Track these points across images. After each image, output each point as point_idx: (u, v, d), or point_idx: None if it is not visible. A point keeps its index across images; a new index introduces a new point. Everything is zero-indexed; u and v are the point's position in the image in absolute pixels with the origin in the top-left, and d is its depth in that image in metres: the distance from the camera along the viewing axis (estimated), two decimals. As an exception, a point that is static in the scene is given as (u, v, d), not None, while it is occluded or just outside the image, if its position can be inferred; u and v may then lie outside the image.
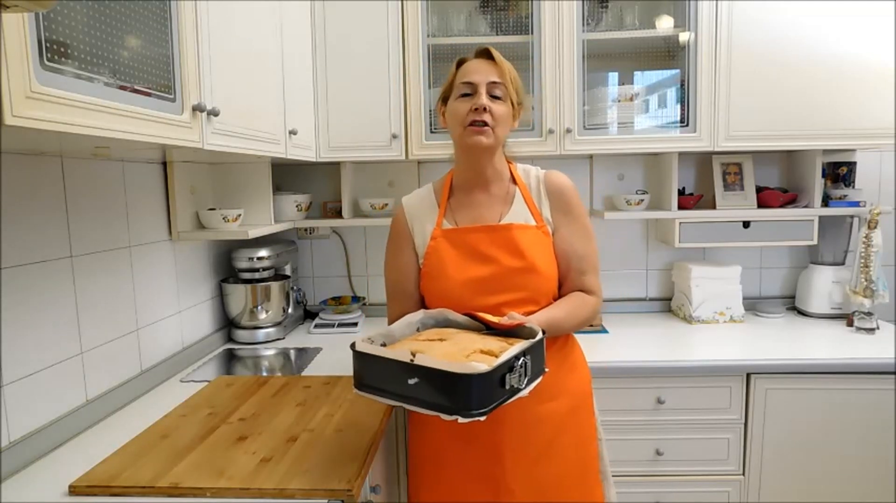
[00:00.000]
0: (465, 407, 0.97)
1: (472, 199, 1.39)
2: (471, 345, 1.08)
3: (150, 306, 1.69)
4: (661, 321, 2.33)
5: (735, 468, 1.88)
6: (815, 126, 2.03)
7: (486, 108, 1.29)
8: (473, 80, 1.31)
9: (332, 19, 2.07)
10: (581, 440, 1.38)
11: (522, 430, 1.30)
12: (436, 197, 1.43)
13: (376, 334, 1.18)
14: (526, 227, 1.34)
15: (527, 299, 1.30)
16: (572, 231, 1.37)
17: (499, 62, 1.33)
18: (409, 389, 1.02)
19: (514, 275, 1.30)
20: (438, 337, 1.16)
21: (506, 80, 1.32)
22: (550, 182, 1.39)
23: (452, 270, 1.32)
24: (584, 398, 1.40)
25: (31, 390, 1.24)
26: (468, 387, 0.96)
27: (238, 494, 1.05)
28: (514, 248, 1.31)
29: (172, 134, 1.16)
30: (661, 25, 2.13)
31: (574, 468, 1.36)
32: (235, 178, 2.00)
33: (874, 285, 2.11)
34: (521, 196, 1.39)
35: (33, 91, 0.78)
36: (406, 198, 1.46)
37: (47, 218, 1.30)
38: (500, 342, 1.11)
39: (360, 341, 1.12)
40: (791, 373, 1.82)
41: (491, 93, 1.31)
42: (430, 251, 1.36)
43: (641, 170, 2.43)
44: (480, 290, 1.30)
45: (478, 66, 1.33)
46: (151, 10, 1.11)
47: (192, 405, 1.48)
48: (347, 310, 2.38)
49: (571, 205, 1.38)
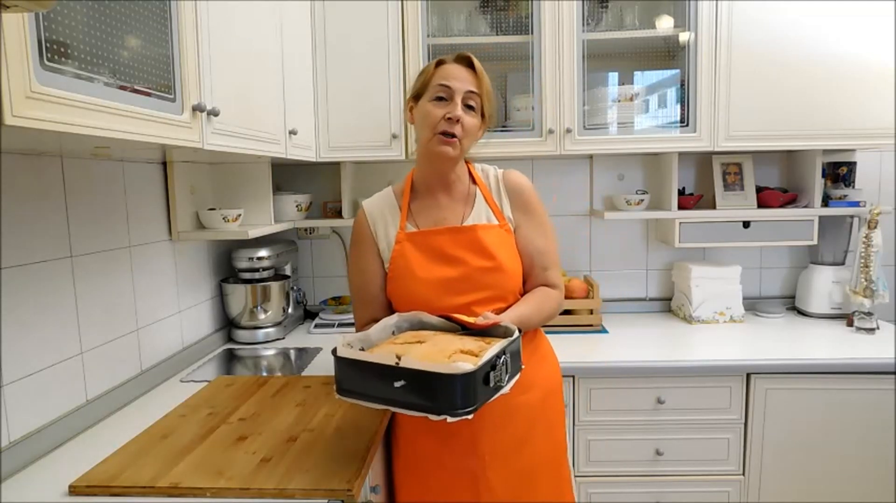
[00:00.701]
0: (452, 406, 0.99)
1: (434, 200, 1.40)
2: (450, 345, 1.09)
3: (150, 306, 1.69)
4: (661, 321, 2.33)
5: (735, 468, 1.88)
6: (815, 126, 2.03)
7: (459, 119, 1.29)
8: (452, 84, 1.30)
9: (332, 19, 2.07)
10: (552, 428, 1.42)
11: (498, 424, 1.32)
12: (396, 199, 1.43)
13: (353, 339, 1.18)
14: (489, 227, 1.36)
15: (494, 297, 1.32)
16: (532, 228, 1.39)
17: (479, 73, 1.33)
18: (394, 392, 1.03)
19: (482, 275, 1.31)
20: (416, 339, 1.16)
21: (482, 92, 1.32)
22: (509, 181, 1.41)
23: (420, 272, 1.33)
24: (554, 389, 1.44)
25: (31, 390, 1.24)
26: (454, 386, 0.98)
27: (238, 494, 1.04)
28: (481, 248, 1.32)
29: (172, 134, 1.16)
30: (661, 25, 2.13)
31: (548, 456, 1.40)
32: (235, 178, 2.00)
33: (874, 285, 2.11)
34: (482, 196, 1.40)
35: (33, 91, 0.78)
36: (367, 201, 1.45)
37: (47, 218, 1.30)
38: (478, 342, 1.12)
39: (341, 346, 1.12)
40: (791, 373, 1.82)
41: (466, 102, 1.31)
42: (395, 255, 1.36)
43: (641, 170, 2.43)
44: (448, 291, 1.31)
45: (458, 71, 1.32)
46: (151, 10, 1.11)
47: (191, 405, 1.48)
48: (347, 311, 2.38)
49: (530, 203, 1.40)
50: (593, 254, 2.47)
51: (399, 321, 1.28)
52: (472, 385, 0.99)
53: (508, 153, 2.09)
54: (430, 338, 1.15)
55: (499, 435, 1.32)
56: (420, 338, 1.17)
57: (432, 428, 1.28)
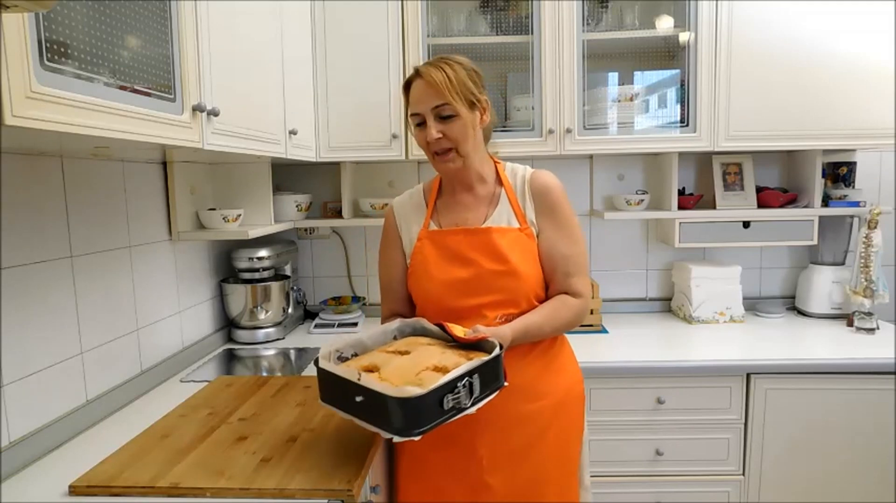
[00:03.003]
0: (400, 427, 1.01)
1: (458, 200, 1.40)
2: (428, 360, 1.11)
3: (150, 306, 1.69)
4: (661, 321, 2.33)
5: (735, 468, 1.88)
6: (815, 126, 2.03)
7: (439, 137, 1.28)
8: (418, 110, 1.29)
9: (332, 19, 2.08)
10: (564, 441, 1.38)
11: (501, 430, 1.31)
12: (424, 197, 1.45)
13: (346, 344, 1.22)
14: (507, 230, 1.33)
15: (506, 301, 1.31)
16: (556, 232, 1.35)
17: (432, 81, 1.26)
18: (357, 407, 1.07)
19: (494, 278, 1.30)
20: (406, 348, 1.19)
21: (448, 97, 1.25)
22: (535, 183, 1.37)
23: (434, 271, 1.34)
24: (571, 400, 1.39)
25: (31, 390, 1.24)
26: (400, 409, 1.00)
27: (238, 494, 1.04)
28: (494, 250, 1.31)
29: (172, 134, 1.16)
30: (661, 25, 2.12)
31: (554, 468, 1.37)
32: (235, 178, 2.00)
33: (874, 285, 2.11)
34: (507, 197, 1.37)
35: (33, 91, 0.78)
36: (397, 199, 1.49)
37: (47, 218, 1.30)
38: (459, 357, 1.13)
39: (322, 356, 1.15)
40: (791, 373, 1.82)
41: (440, 115, 1.28)
42: (415, 252, 1.39)
43: (641, 170, 2.43)
44: (461, 292, 1.32)
45: (418, 93, 1.29)
46: (151, 10, 1.11)
47: (191, 405, 1.48)
48: (347, 310, 2.38)
49: (555, 206, 1.35)
50: (593, 255, 2.47)
51: (401, 326, 1.31)
52: (419, 408, 1.01)
53: (508, 153, 2.08)
54: (416, 349, 1.18)
55: (500, 441, 1.31)
56: (409, 348, 1.19)
57: (433, 432, 1.28)
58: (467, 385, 1.06)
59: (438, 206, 1.42)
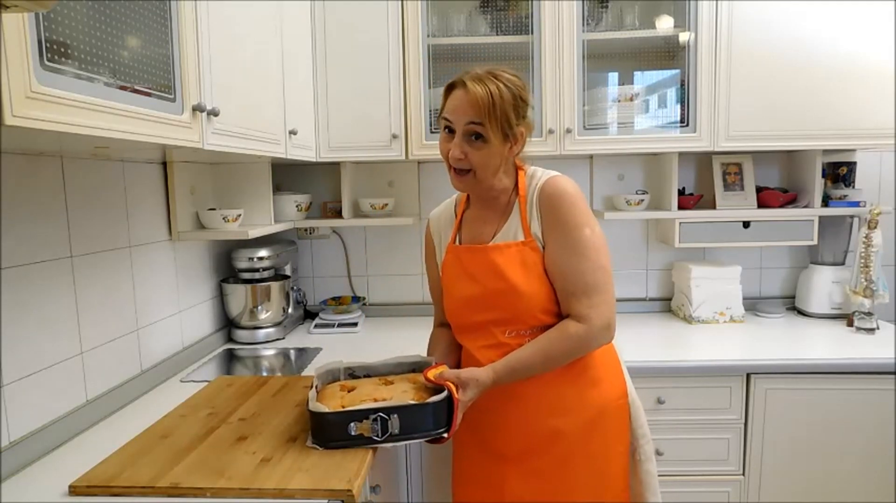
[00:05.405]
0: (315, 437, 1.21)
1: (480, 213, 1.38)
2: (381, 393, 1.25)
3: (150, 306, 1.69)
4: (661, 321, 2.33)
5: (735, 468, 1.88)
6: (815, 126, 2.03)
7: (461, 158, 1.23)
8: (450, 118, 1.23)
9: (332, 19, 2.07)
10: (594, 458, 1.31)
11: (525, 440, 1.32)
12: (455, 209, 1.46)
13: (360, 365, 1.43)
14: (506, 246, 1.27)
15: (510, 318, 1.28)
16: (559, 245, 1.24)
17: (472, 100, 1.18)
18: None
19: (496, 297, 1.28)
20: (393, 379, 1.35)
21: (485, 118, 1.18)
22: (543, 192, 1.27)
23: (451, 287, 1.38)
24: (607, 413, 1.32)
25: (31, 390, 1.24)
26: (311, 421, 1.20)
27: (238, 494, 1.04)
28: (493, 269, 1.28)
29: (172, 134, 1.16)
30: (661, 25, 2.12)
31: (589, 487, 1.31)
32: (235, 178, 2.00)
33: (874, 285, 2.11)
34: (519, 208, 1.30)
35: (33, 91, 0.78)
36: (433, 211, 1.51)
37: (47, 218, 1.30)
38: (405, 394, 1.24)
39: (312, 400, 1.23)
40: (791, 373, 1.82)
41: (470, 132, 1.21)
42: (443, 265, 1.42)
43: (641, 170, 2.43)
44: (471, 309, 1.33)
45: (456, 102, 1.22)
46: (151, 10, 1.11)
47: (192, 405, 1.48)
48: (347, 311, 2.38)
49: (560, 217, 1.24)
50: (593, 255, 2.47)
51: (416, 359, 1.42)
52: (322, 425, 1.18)
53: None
54: (396, 383, 1.31)
55: (525, 451, 1.32)
56: (393, 380, 1.34)
57: (466, 436, 1.38)
58: (378, 420, 1.16)
59: (465, 218, 1.42)
